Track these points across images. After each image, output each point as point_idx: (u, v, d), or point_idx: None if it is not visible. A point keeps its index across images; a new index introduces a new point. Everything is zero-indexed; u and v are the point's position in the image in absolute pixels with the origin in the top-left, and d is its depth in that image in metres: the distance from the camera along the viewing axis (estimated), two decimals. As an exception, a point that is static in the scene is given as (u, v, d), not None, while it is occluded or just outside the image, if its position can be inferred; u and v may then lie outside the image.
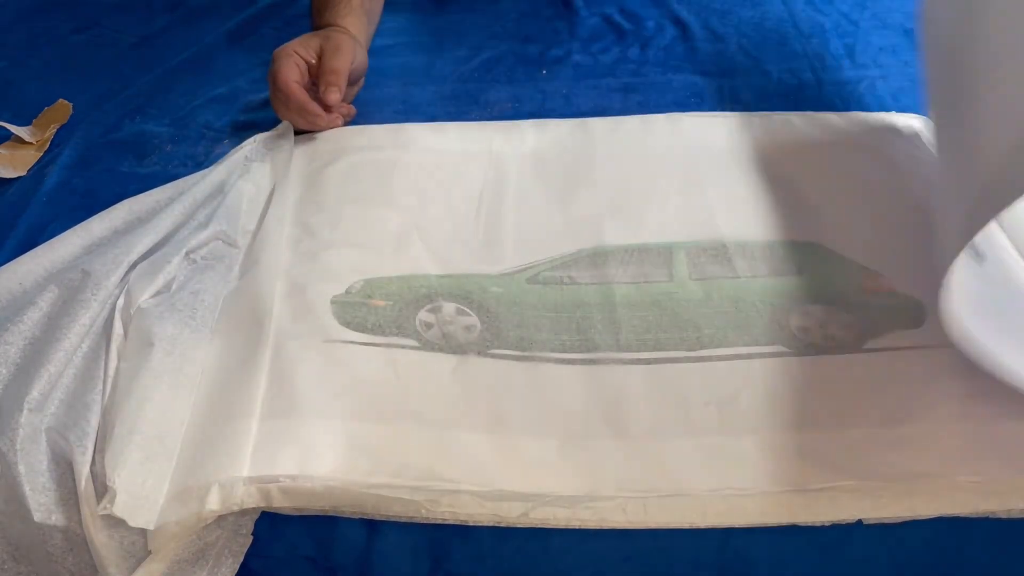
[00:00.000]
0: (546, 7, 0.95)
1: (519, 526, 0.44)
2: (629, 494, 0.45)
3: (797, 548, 0.45)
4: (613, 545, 0.45)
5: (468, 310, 0.56)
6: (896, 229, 0.61)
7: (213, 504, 0.44)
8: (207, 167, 0.71)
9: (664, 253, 0.60)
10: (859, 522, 0.44)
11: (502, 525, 0.44)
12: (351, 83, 0.75)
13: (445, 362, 0.53)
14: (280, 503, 0.45)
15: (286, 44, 0.74)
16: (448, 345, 0.54)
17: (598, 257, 0.60)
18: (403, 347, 0.54)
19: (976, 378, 0.50)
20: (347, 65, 0.72)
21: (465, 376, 0.52)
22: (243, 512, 0.45)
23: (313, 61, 0.73)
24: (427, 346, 0.54)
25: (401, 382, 0.51)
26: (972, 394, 0.49)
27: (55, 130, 0.76)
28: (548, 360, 0.53)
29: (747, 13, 0.92)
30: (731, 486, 0.45)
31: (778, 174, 0.66)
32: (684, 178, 0.66)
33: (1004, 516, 0.44)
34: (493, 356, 0.53)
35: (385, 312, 0.56)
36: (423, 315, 0.56)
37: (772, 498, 0.44)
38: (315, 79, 0.73)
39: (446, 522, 0.44)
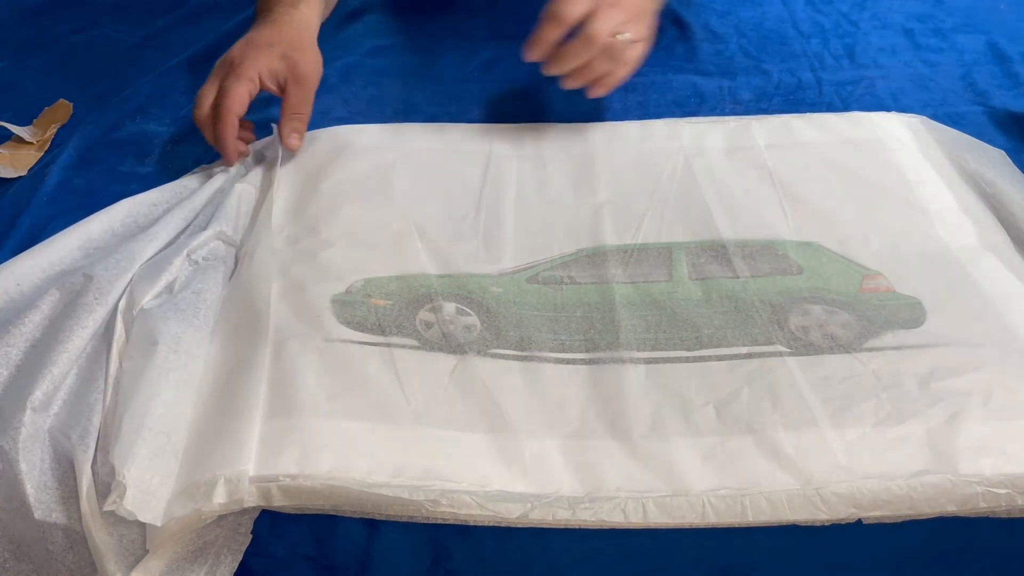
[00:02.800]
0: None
1: (519, 526, 0.44)
2: (628, 494, 0.45)
3: (797, 548, 0.45)
4: (613, 544, 0.45)
5: (468, 310, 0.56)
6: (896, 229, 0.61)
7: (215, 503, 0.44)
8: (207, 166, 0.71)
9: (663, 253, 0.60)
10: (859, 522, 0.44)
11: (502, 525, 0.44)
12: None
13: (445, 362, 0.53)
14: (281, 502, 0.45)
15: (246, 57, 0.69)
16: (448, 345, 0.54)
17: (598, 257, 0.60)
18: (403, 346, 0.54)
19: (976, 377, 0.50)
20: (311, 99, 0.69)
21: (465, 376, 0.52)
22: (243, 511, 0.45)
23: (274, 89, 0.70)
24: (427, 345, 0.54)
25: (401, 382, 0.51)
26: (971, 393, 0.49)
27: (55, 130, 0.76)
28: (548, 360, 0.53)
29: (747, 13, 0.92)
30: (730, 486, 0.45)
31: (777, 174, 0.66)
32: (683, 179, 0.66)
33: (1004, 515, 0.44)
34: (493, 356, 0.53)
35: (385, 311, 0.56)
36: (423, 314, 0.56)
37: (771, 498, 0.44)
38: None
39: (446, 522, 0.44)
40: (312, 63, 0.71)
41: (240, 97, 0.68)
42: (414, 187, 0.67)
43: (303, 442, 0.47)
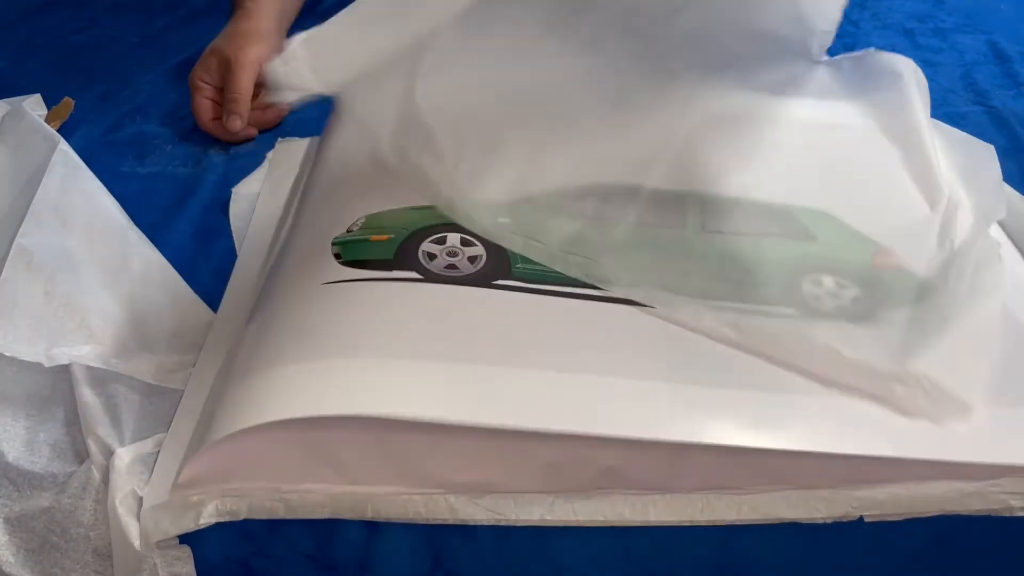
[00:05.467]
0: (546, 7, 0.94)
1: (518, 525, 0.44)
2: (627, 492, 0.45)
3: (797, 548, 0.45)
4: (613, 544, 0.45)
5: (474, 240, 0.54)
6: (908, 205, 0.59)
7: (210, 516, 0.44)
8: (206, 167, 0.71)
9: (678, 200, 0.56)
10: (859, 521, 0.44)
11: (502, 524, 0.44)
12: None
13: (449, 295, 0.50)
14: (281, 515, 0.45)
15: (193, 73, 0.76)
16: (452, 277, 0.51)
17: (612, 194, 0.56)
18: (405, 280, 0.51)
19: (982, 366, 0.49)
20: (250, 86, 0.73)
21: (469, 308, 0.50)
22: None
23: (218, 86, 0.75)
24: (430, 278, 0.51)
25: (403, 315, 0.49)
26: (977, 382, 0.47)
27: (57, 127, 0.76)
28: (555, 294, 0.51)
29: (747, 13, 0.92)
30: (733, 441, 0.43)
31: (795, 142, 0.64)
32: (704, 140, 0.62)
33: (1005, 515, 0.44)
34: (499, 288, 0.51)
35: (387, 246, 0.53)
36: (427, 246, 0.53)
37: (770, 496, 0.44)
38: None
39: (446, 523, 0.44)
40: (241, 49, 0.75)
41: (202, 108, 0.75)
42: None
43: (305, 384, 0.45)
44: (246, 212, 0.67)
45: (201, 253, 0.63)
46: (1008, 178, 0.65)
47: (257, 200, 0.68)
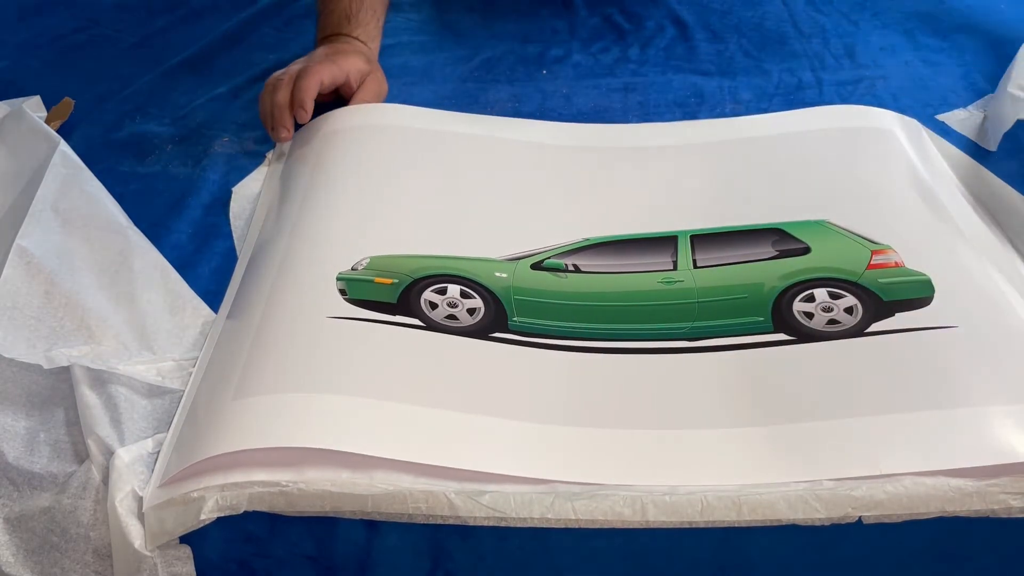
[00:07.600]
0: (546, 7, 0.95)
1: (518, 525, 0.44)
2: (627, 492, 0.45)
3: (797, 548, 0.45)
4: (613, 544, 0.45)
5: (473, 293, 0.56)
6: (904, 205, 0.61)
7: (211, 511, 0.44)
8: (206, 167, 0.71)
9: (668, 241, 0.60)
10: (859, 521, 0.44)
11: (502, 525, 0.44)
12: None
13: (447, 344, 0.53)
14: (281, 508, 0.45)
15: (339, 54, 0.76)
16: (451, 327, 0.54)
17: (602, 246, 0.60)
18: (407, 326, 0.54)
19: (980, 364, 0.49)
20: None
21: (467, 359, 0.52)
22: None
23: (354, 86, 0.76)
24: (431, 327, 0.54)
25: (404, 361, 0.51)
26: (975, 381, 0.48)
27: (57, 127, 0.76)
28: (549, 347, 0.53)
29: (747, 13, 0.92)
30: (728, 482, 0.45)
31: (783, 160, 0.67)
32: (688, 170, 0.67)
33: (1004, 516, 0.44)
34: (496, 340, 0.53)
35: (390, 290, 0.56)
36: (428, 295, 0.56)
37: (769, 497, 0.44)
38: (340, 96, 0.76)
39: (446, 522, 0.44)
40: (384, 78, 0.79)
41: (323, 72, 0.73)
42: (424, 168, 0.67)
43: (303, 416, 0.47)
44: (246, 212, 0.67)
45: (201, 253, 0.63)
46: (1008, 178, 0.65)
47: (257, 200, 0.68)
